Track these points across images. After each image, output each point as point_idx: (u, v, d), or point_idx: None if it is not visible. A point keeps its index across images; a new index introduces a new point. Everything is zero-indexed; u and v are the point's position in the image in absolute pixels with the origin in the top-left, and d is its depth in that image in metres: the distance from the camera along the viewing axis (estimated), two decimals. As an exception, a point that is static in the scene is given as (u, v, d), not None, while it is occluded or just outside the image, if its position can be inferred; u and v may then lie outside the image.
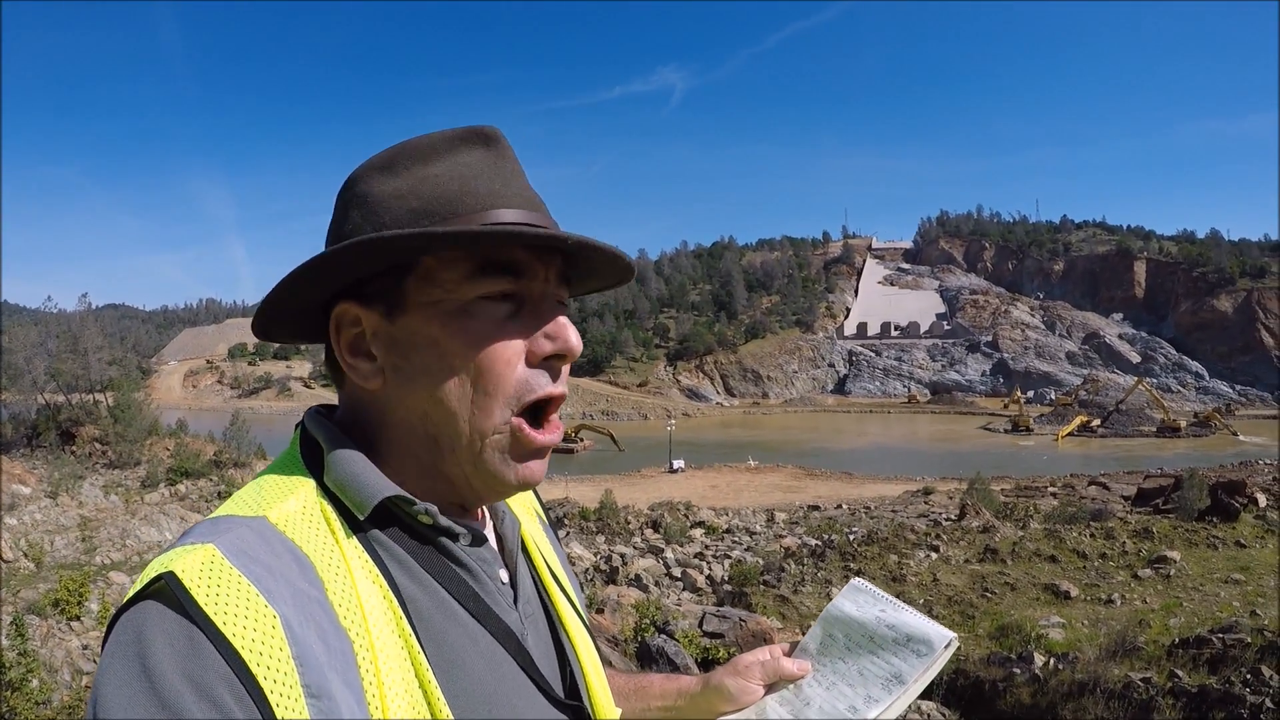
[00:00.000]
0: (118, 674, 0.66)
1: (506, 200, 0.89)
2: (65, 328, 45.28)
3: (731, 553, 27.57)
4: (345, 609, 0.76)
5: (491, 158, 0.91)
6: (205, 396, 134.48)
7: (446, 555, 0.89)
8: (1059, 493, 40.43)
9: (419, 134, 0.93)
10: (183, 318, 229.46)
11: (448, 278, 0.86)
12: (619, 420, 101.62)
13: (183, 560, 0.71)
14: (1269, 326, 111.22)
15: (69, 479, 25.62)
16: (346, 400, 0.95)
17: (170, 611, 0.68)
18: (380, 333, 0.88)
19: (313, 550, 0.79)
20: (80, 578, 13.62)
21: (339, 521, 0.83)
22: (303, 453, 0.90)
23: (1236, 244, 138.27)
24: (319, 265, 0.85)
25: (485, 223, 0.86)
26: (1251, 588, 15.58)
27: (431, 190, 0.87)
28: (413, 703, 0.76)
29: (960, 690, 10.49)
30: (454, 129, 0.92)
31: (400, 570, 0.84)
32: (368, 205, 0.88)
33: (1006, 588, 16.50)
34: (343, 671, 0.72)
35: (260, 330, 0.96)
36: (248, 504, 0.83)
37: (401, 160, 0.90)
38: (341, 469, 0.86)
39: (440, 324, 0.86)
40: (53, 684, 8.91)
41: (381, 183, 0.89)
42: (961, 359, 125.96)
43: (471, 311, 0.86)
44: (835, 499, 42.90)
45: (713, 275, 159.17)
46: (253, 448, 36.39)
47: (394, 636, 0.78)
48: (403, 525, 0.87)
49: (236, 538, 0.75)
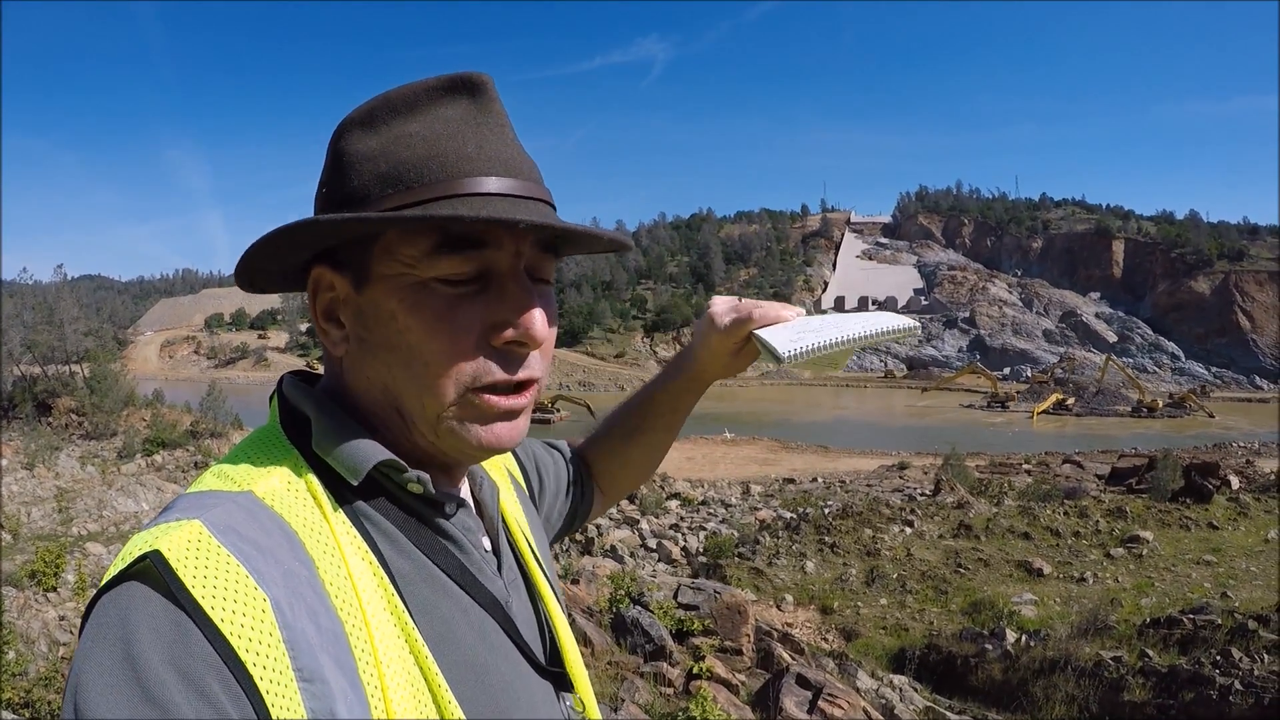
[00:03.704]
0: (100, 661, 0.63)
1: (480, 166, 0.83)
2: (41, 299, 45.04)
3: (707, 525, 27.55)
4: (336, 587, 0.75)
5: (473, 112, 0.86)
6: (181, 367, 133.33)
7: (432, 525, 0.87)
8: (1034, 470, 40.66)
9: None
10: (159, 288, 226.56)
11: (407, 253, 0.81)
12: (596, 391, 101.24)
13: (168, 538, 0.69)
14: (1246, 309, 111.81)
15: (45, 450, 25.52)
16: (328, 366, 0.93)
17: (156, 594, 0.66)
18: (349, 301, 0.86)
19: (301, 526, 0.77)
20: (57, 549, 13.60)
21: (325, 495, 0.80)
22: (283, 422, 0.87)
23: (1215, 226, 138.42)
24: (274, 240, 0.82)
25: (455, 192, 0.81)
26: (1223, 569, 15.79)
27: (403, 153, 0.83)
28: (410, 680, 0.75)
29: (932, 665, 10.61)
30: (438, 78, 0.87)
31: (387, 544, 0.82)
32: (341, 166, 0.85)
33: (980, 564, 16.64)
34: (334, 653, 0.70)
35: (244, 285, 0.93)
36: (232, 477, 0.80)
37: (380, 114, 0.85)
38: (334, 435, 0.83)
39: (398, 299, 0.82)
40: (30, 655, 8.90)
41: (358, 139, 0.85)
42: (938, 335, 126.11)
43: (430, 288, 0.82)
44: (810, 472, 42.92)
45: (690, 247, 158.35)
46: (229, 418, 36.27)
47: (386, 613, 0.77)
48: (389, 496, 0.85)
49: (224, 513, 0.73)
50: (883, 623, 13.67)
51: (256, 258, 0.85)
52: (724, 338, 1.22)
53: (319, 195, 0.88)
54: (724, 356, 1.25)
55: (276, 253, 0.85)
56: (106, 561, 15.07)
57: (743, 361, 1.27)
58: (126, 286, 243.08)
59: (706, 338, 1.25)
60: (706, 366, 1.29)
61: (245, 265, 0.87)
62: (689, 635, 8.69)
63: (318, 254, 0.87)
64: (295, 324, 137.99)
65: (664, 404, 1.37)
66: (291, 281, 0.94)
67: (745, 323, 1.20)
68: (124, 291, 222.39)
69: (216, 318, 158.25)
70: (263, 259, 0.86)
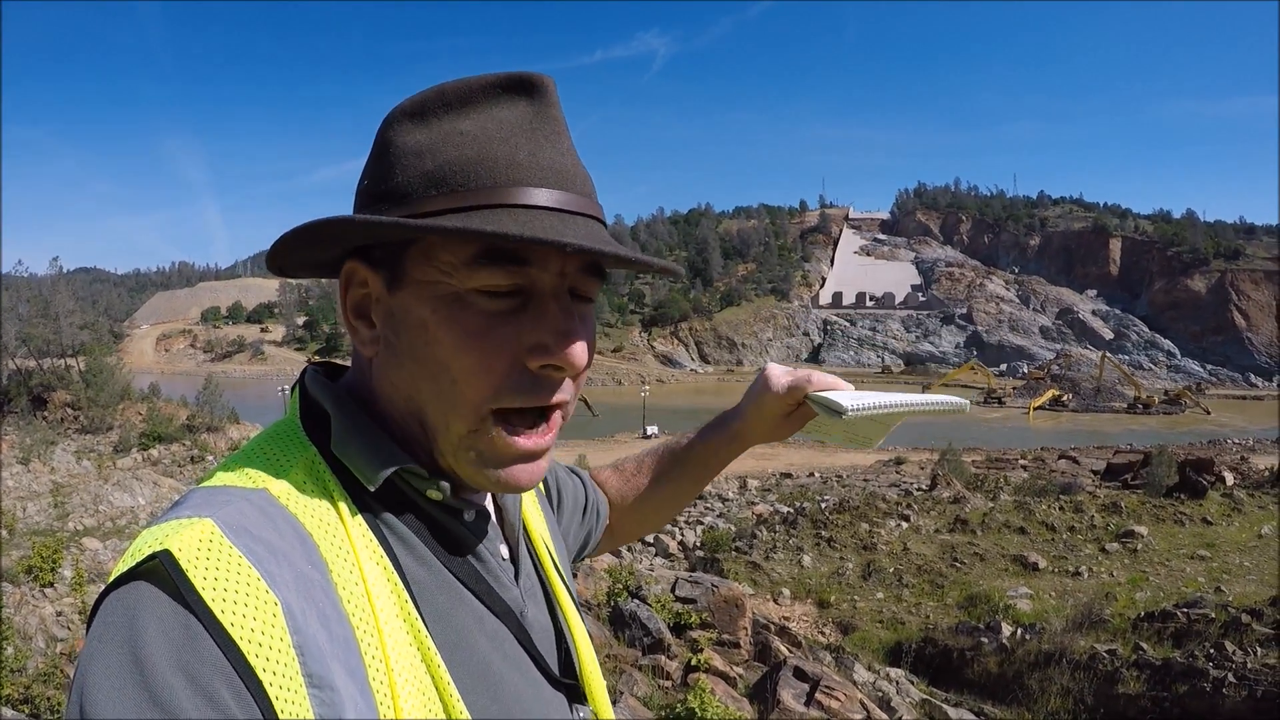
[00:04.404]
0: (107, 662, 0.61)
1: (531, 175, 0.79)
2: (36, 292, 44.93)
3: (704, 519, 27.59)
4: (349, 593, 0.73)
5: (530, 115, 0.81)
6: (178, 360, 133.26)
7: (449, 532, 0.85)
8: (1029, 465, 40.73)
9: (402, 95, 0.84)
10: (155, 281, 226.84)
11: (446, 260, 0.78)
12: (594, 386, 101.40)
13: (179, 536, 0.67)
14: (1241, 308, 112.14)
15: (41, 444, 25.38)
16: (355, 361, 0.90)
17: (165, 596, 0.64)
18: (382, 301, 0.83)
19: (316, 528, 0.75)
20: (53, 544, 13.53)
21: (343, 497, 0.78)
22: (303, 418, 0.85)
23: (1212, 225, 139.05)
24: (307, 233, 0.79)
25: (501, 201, 0.77)
26: (1217, 564, 15.84)
27: (450, 153, 0.79)
28: (421, 688, 0.74)
29: (929, 658, 10.63)
30: (496, 75, 0.82)
31: (404, 549, 0.80)
32: (387, 158, 0.81)
33: (976, 558, 16.67)
34: (345, 659, 0.69)
35: (275, 271, 0.90)
36: (247, 473, 0.78)
37: (433, 108, 0.81)
38: (353, 436, 0.81)
39: (431, 308, 0.78)
40: (27, 651, 8.87)
41: (406, 132, 0.81)
42: (936, 331, 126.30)
43: (467, 301, 0.78)
44: (807, 467, 42.99)
45: (689, 242, 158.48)
46: (226, 412, 36.08)
47: (399, 620, 0.75)
48: (407, 501, 0.83)
49: (237, 512, 0.71)
50: (879, 616, 13.69)
51: (290, 245, 0.82)
52: (779, 399, 1.24)
53: (360, 187, 0.85)
54: (774, 418, 1.27)
55: (310, 244, 0.83)
56: (103, 557, 15.04)
57: (791, 426, 1.28)
58: (122, 279, 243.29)
59: (760, 398, 1.27)
60: (754, 427, 1.30)
61: (277, 253, 0.84)
62: (687, 628, 8.70)
63: (352, 247, 0.85)
64: (292, 318, 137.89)
65: (702, 456, 1.37)
66: (326, 270, 0.91)
67: (803, 387, 1.22)
68: (120, 284, 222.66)
69: (213, 311, 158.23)
70: (296, 248, 0.83)
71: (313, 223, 0.78)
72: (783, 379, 1.24)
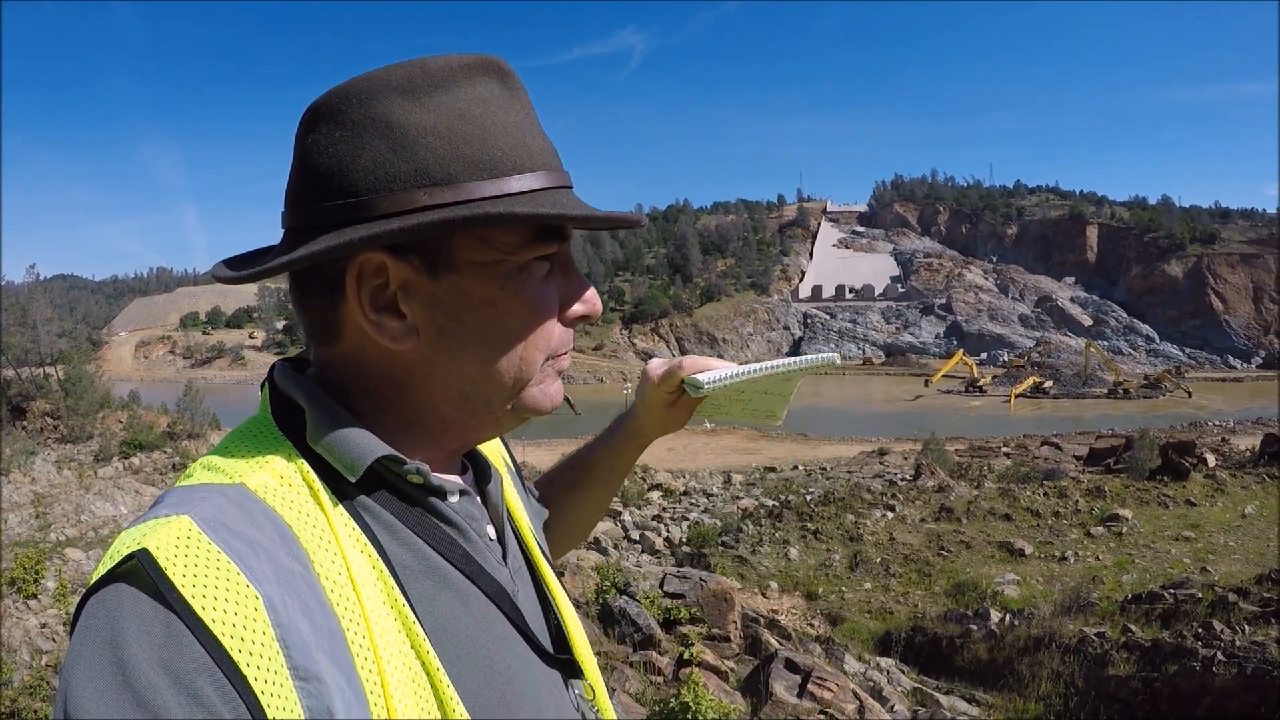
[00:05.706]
0: (89, 665, 0.60)
1: (547, 158, 0.86)
2: (13, 300, 44.50)
3: (689, 515, 27.62)
4: (333, 583, 0.72)
5: (508, 96, 0.86)
6: (157, 367, 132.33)
7: (434, 514, 0.85)
8: (1012, 453, 41.04)
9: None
10: (133, 287, 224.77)
11: (507, 241, 0.82)
12: (575, 384, 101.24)
13: (156, 535, 0.66)
14: (1219, 291, 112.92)
15: (21, 455, 25.16)
16: (335, 359, 0.87)
17: (144, 596, 0.63)
18: (418, 289, 0.82)
19: (295, 520, 0.74)
20: (36, 555, 13.46)
21: (322, 487, 0.78)
22: (275, 413, 0.84)
23: (1188, 210, 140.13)
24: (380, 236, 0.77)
25: (543, 185, 0.84)
26: (1201, 545, 15.94)
27: (477, 133, 0.81)
28: (412, 674, 0.73)
29: (918, 647, 10.66)
30: (464, 57, 0.84)
31: (388, 535, 0.80)
32: (398, 138, 0.80)
33: (962, 546, 16.72)
34: (330, 650, 0.68)
35: (231, 282, 0.90)
36: (222, 470, 0.77)
37: (422, 85, 0.81)
38: (330, 429, 0.80)
39: (499, 285, 0.83)
40: (12, 664, 8.83)
41: (408, 110, 0.80)
42: (915, 322, 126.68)
43: (528, 270, 0.85)
44: (791, 460, 43.13)
45: (668, 239, 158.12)
46: (207, 418, 35.96)
47: (386, 607, 0.74)
48: (390, 487, 0.82)
49: (214, 507, 0.70)
50: (867, 607, 13.72)
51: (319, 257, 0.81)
52: (657, 388, 1.27)
53: (354, 164, 0.80)
54: (659, 408, 1.29)
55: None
56: (87, 567, 14.95)
57: (680, 414, 1.30)
58: (100, 286, 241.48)
59: (643, 392, 1.30)
60: (646, 421, 1.33)
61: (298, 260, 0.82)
62: (676, 624, 8.72)
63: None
64: (272, 321, 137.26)
65: (605, 461, 1.40)
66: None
67: (675, 372, 1.24)
68: (97, 291, 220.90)
69: (192, 316, 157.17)
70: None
71: (432, 223, 0.78)
72: (659, 368, 1.27)
